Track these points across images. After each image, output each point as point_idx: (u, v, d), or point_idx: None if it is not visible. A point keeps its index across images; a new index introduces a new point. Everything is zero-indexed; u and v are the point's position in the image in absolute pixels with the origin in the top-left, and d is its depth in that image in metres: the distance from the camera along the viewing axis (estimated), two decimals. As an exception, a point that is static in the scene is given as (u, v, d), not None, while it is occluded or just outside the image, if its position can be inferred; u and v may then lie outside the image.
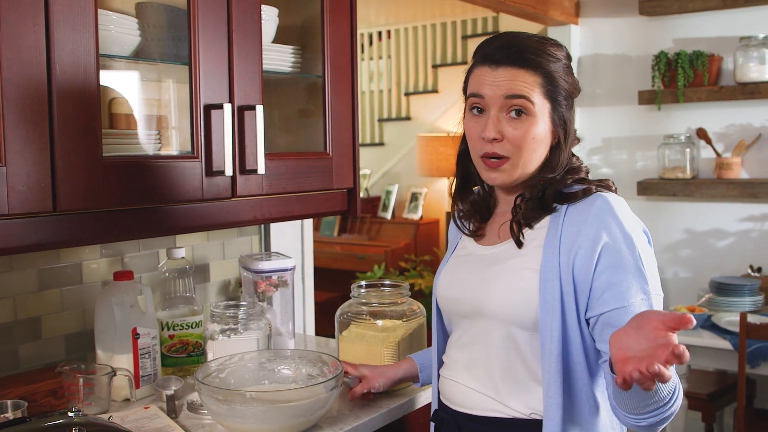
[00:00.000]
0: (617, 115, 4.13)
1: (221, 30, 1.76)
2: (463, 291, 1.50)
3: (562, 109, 1.43)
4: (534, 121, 1.40)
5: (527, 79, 1.39)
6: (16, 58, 1.40)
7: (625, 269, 1.32)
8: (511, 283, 1.42)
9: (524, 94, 1.39)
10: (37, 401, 1.70)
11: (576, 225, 1.37)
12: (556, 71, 1.41)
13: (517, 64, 1.40)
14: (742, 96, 3.67)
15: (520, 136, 1.40)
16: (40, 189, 1.44)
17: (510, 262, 1.44)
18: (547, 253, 1.38)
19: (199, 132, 1.73)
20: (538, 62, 1.40)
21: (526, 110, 1.39)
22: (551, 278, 1.36)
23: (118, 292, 1.81)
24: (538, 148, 1.42)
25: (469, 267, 1.52)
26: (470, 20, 5.83)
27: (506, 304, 1.41)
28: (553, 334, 1.35)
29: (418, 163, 5.56)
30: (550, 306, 1.35)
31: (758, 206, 3.80)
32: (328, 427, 1.66)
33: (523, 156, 1.41)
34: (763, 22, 3.69)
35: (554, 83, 1.41)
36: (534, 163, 1.44)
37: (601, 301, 1.33)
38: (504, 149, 1.41)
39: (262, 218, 1.92)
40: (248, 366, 1.76)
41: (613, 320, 1.31)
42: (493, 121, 1.41)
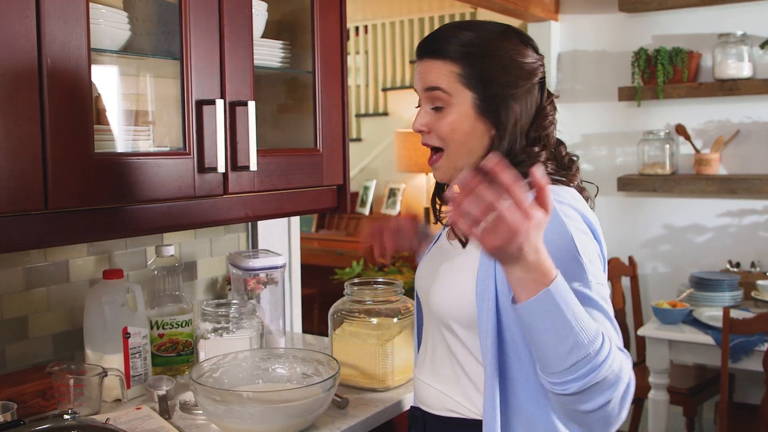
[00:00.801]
0: (597, 111, 4.15)
1: (212, 24, 1.73)
2: (423, 284, 1.49)
3: (491, 99, 1.34)
4: (450, 111, 1.34)
5: (441, 69, 1.34)
6: (5, 50, 1.36)
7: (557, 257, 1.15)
8: (451, 281, 1.38)
9: (436, 85, 1.34)
10: (26, 402, 1.67)
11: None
12: (478, 59, 1.33)
13: (431, 55, 1.36)
14: (721, 92, 3.70)
15: (441, 128, 1.36)
16: (32, 186, 1.41)
17: (457, 259, 1.40)
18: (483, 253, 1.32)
19: (190, 128, 1.70)
20: (451, 50, 1.34)
21: (441, 101, 1.35)
22: (486, 277, 1.29)
23: (108, 291, 1.78)
24: (467, 140, 1.35)
25: (434, 262, 1.48)
26: (448, 15, 5.83)
27: (444, 302, 1.38)
28: (488, 336, 1.28)
29: (396, 158, 5.55)
30: (485, 307, 1.29)
31: (736, 202, 3.85)
32: (324, 427, 1.64)
33: (452, 148, 1.36)
34: (741, 19, 3.73)
35: (477, 71, 1.33)
36: (469, 158, 1.36)
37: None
38: (433, 140, 1.39)
39: (254, 215, 1.89)
40: (242, 365, 1.74)
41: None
42: (421, 114, 1.39)
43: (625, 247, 3.97)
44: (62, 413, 1.33)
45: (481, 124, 1.35)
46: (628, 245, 3.97)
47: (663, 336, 3.21)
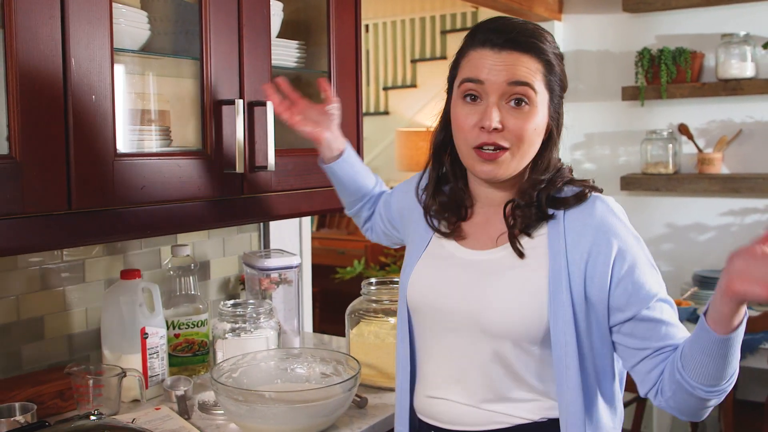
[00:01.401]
0: (600, 110, 4.16)
1: (232, 24, 1.74)
2: (454, 301, 1.36)
3: (557, 101, 1.36)
4: (535, 111, 1.30)
5: (531, 65, 1.29)
6: (31, 50, 1.36)
7: (642, 269, 1.29)
8: (516, 299, 1.31)
9: (528, 81, 1.29)
10: (45, 403, 1.67)
11: (580, 232, 1.30)
12: (554, 60, 1.33)
13: (520, 49, 1.29)
14: (724, 92, 3.71)
15: (521, 127, 1.29)
16: (55, 187, 1.41)
17: (511, 274, 1.33)
18: (554, 264, 1.30)
19: (210, 128, 1.70)
20: (541, 48, 1.31)
21: (528, 99, 1.29)
22: (561, 290, 1.28)
23: (126, 291, 1.77)
24: (536, 140, 1.33)
25: (454, 273, 1.38)
26: (449, 15, 5.84)
27: (512, 323, 1.30)
28: (567, 349, 1.28)
29: (397, 157, 5.56)
30: (561, 320, 1.28)
31: (738, 201, 3.86)
32: (345, 427, 1.65)
33: (522, 148, 1.31)
34: (744, 20, 3.75)
35: (553, 72, 1.33)
36: (529, 157, 1.34)
37: (632, 303, 1.28)
38: (505, 139, 1.30)
39: (271, 215, 1.89)
40: (261, 365, 1.74)
41: (646, 316, 1.28)
42: (495, 109, 1.29)
43: (628, 246, 3.98)
44: (88, 414, 1.34)
45: (545, 126, 1.35)
46: (631, 244, 3.99)
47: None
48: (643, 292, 1.28)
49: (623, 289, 1.28)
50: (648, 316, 1.28)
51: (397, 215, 1.66)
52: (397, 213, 1.65)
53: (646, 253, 1.32)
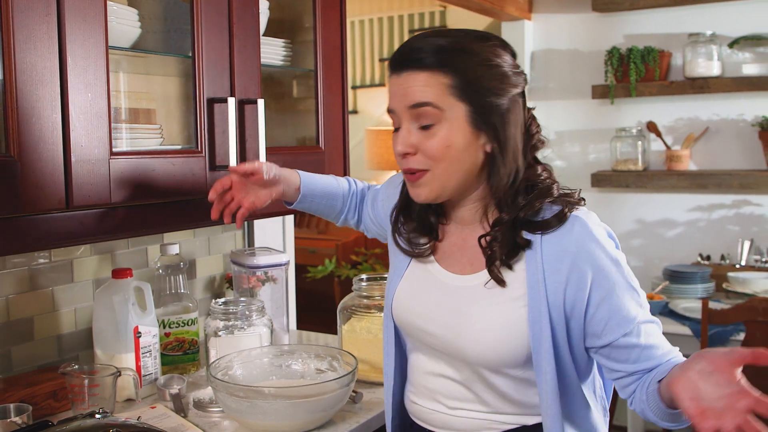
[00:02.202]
0: (570, 108, 4.23)
1: (222, 23, 1.74)
2: (436, 327, 1.35)
3: (490, 113, 1.23)
4: (445, 128, 1.23)
5: (430, 81, 1.21)
6: (28, 48, 1.35)
7: (620, 294, 1.25)
8: (497, 332, 1.28)
9: (425, 101, 1.22)
10: (38, 404, 1.65)
11: (558, 259, 1.25)
12: (470, 68, 1.22)
13: (416, 66, 1.22)
14: (692, 91, 3.80)
15: (432, 147, 1.23)
16: (54, 186, 1.40)
17: (491, 306, 1.29)
18: (533, 295, 1.26)
19: (202, 126, 1.70)
20: (443, 60, 1.21)
21: (433, 117, 1.22)
22: (541, 320, 1.25)
23: (118, 290, 1.77)
24: (461, 156, 1.25)
25: (436, 296, 1.36)
26: (417, 14, 5.87)
27: (493, 355, 1.29)
28: (547, 377, 1.27)
29: (367, 156, 5.57)
30: (540, 347, 1.26)
31: (706, 197, 3.95)
32: (342, 422, 1.66)
33: (442, 167, 1.25)
34: (710, 19, 3.83)
35: (468, 81, 1.22)
36: (458, 174, 1.26)
37: (607, 330, 1.25)
38: (418, 162, 1.26)
39: (261, 213, 1.90)
40: (256, 362, 1.75)
41: (624, 343, 1.25)
42: (404, 135, 1.25)
43: (599, 241, 4.05)
44: (92, 412, 1.33)
45: (475, 138, 1.24)
46: (601, 240, 4.06)
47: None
48: (618, 319, 1.25)
49: (599, 318, 1.25)
50: (624, 343, 1.25)
51: (384, 218, 1.59)
52: (384, 216, 1.58)
53: (626, 275, 1.27)
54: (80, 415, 1.35)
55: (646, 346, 1.25)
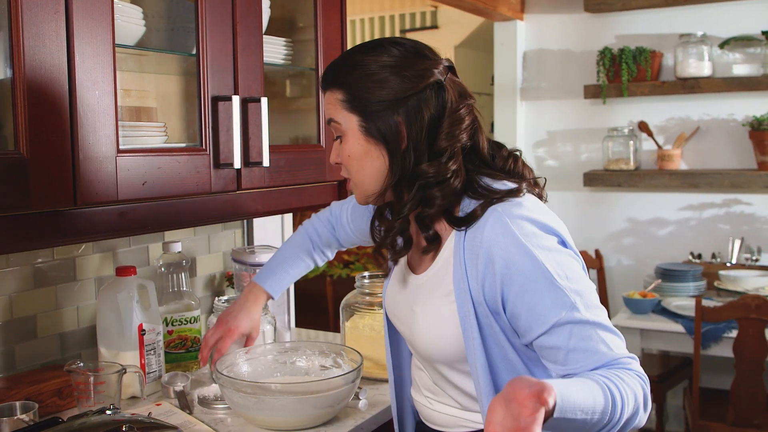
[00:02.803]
0: (562, 108, 4.26)
1: (226, 21, 1.75)
2: (401, 323, 1.42)
3: (374, 118, 1.27)
4: (345, 140, 1.32)
5: (331, 99, 1.32)
6: (37, 46, 1.35)
7: (535, 290, 1.19)
8: (435, 328, 1.32)
9: (331, 117, 1.33)
10: (43, 402, 1.66)
11: (475, 254, 1.24)
12: (355, 80, 1.28)
13: (324, 87, 1.35)
14: (683, 91, 3.84)
15: (341, 158, 1.34)
16: (62, 183, 1.40)
17: (429, 303, 1.34)
18: (458, 289, 1.27)
19: (206, 124, 1.71)
20: (334, 78, 1.32)
21: (339, 131, 1.33)
22: (468, 315, 1.26)
23: (122, 288, 1.77)
24: (363, 164, 1.31)
25: (403, 295, 1.42)
26: (408, 14, 5.89)
27: (437, 350, 1.33)
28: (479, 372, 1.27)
29: (359, 156, 5.58)
30: (471, 344, 1.26)
31: (697, 196, 3.99)
32: (347, 417, 1.67)
33: (353, 174, 1.34)
34: (701, 20, 3.88)
35: (355, 94, 1.28)
36: (371, 179, 1.32)
37: (526, 328, 1.22)
38: (343, 171, 1.37)
39: (264, 211, 1.91)
40: (260, 359, 1.75)
41: (547, 342, 1.20)
42: (333, 148, 1.37)
43: (591, 240, 4.09)
44: (103, 409, 1.33)
45: (372, 146, 1.29)
46: (594, 239, 4.09)
47: (635, 325, 3.32)
48: (535, 316, 1.20)
49: (517, 314, 1.22)
50: (546, 342, 1.20)
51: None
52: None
53: (545, 269, 1.19)
54: (90, 412, 1.35)
55: (573, 349, 1.17)
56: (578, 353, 1.17)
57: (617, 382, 1.12)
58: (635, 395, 1.14)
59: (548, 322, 1.18)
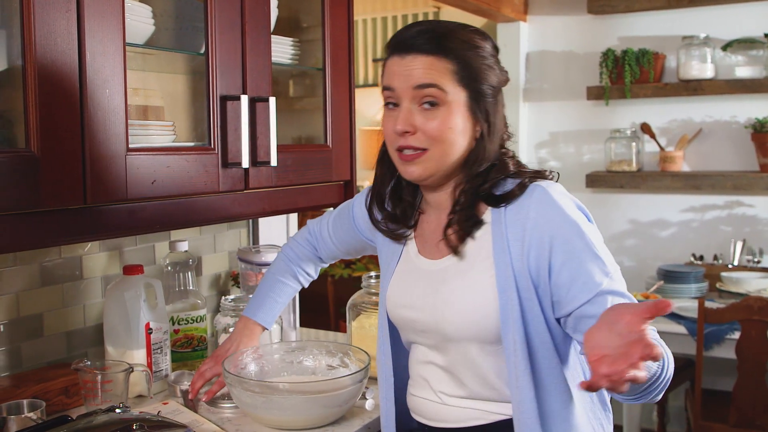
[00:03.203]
0: (565, 109, 4.26)
1: (235, 20, 1.75)
2: (420, 312, 1.41)
3: (483, 99, 1.33)
4: (448, 110, 1.30)
5: (437, 66, 1.30)
6: (48, 44, 1.35)
7: (582, 259, 1.26)
8: (467, 303, 1.33)
9: (433, 82, 1.29)
10: (50, 400, 1.66)
11: (520, 226, 1.30)
12: (473, 58, 1.31)
13: (425, 51, 1.30)
14: (685, 92, 3.84)
15: (435, 127, 1.30)
16: (71, 181, 1.41)
17: (461, 280, 1.35)
18: (499, 264, 1.31)
19: (215, 123, 1.71)
20: (450, 48, 1.30)
21: (438, 99, 1.30)
22: (508, 289, 1.29)
23: (130, 287, 1.77)
24: (457, 139, 1.32)
25: (420, 284, 1.42)
26: (411, 15, 5.89)
27: (467, 326, 1.33)
28: (517, 347, 1.29)
29: (361, 156, 5.57)
30: (509, 318, 1.29)
31: (699, 197, 4.00)
32: (354, 417, 1.67)
33: (441, 147, 1.32)
34: (704, 22, 3.88)
35: (470, 70, 1.31)
36: (453, 156, 1.34)
37: (570, 297, 1.26)
38: (418, 141, 1.32)
39: (271, 210, 1.91)
40: (267, 358, 1.75)
41: (587, 312, 1.25)
42: (405, 114, 1.31)
43: (593, 242, 4.09)
44: (112, 407, 1.33)
45: (470, 123, 1.33)
46: (595, 240, 4.10)
47: (637, 327, 3.32)
48: (580, 284, 1.26)
49: (561, 283, 1.27)
50: (588, 312, 1.25)
51: (365, 227, 1.63)
52: (365, 225, 1.62)
53: (590, 242, 1.27)
54: (99, 410, 1.35)
55: None
56: None
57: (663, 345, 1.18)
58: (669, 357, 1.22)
59: (593, 290, 1.24)
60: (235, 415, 1.67)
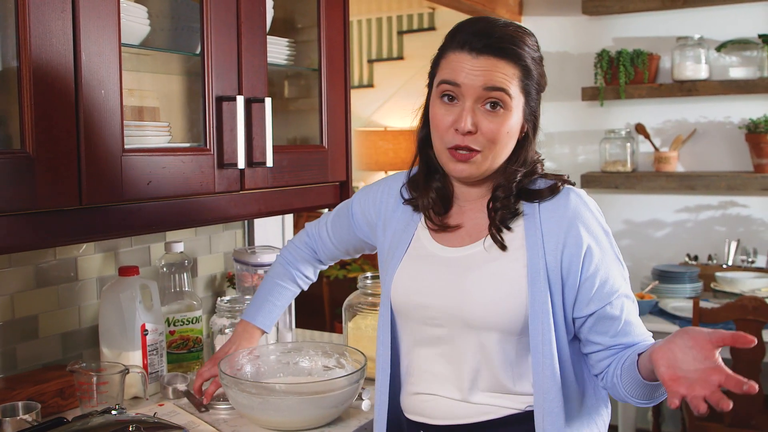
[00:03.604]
0: (560, 110, 4.26)
1: (231, 21, 1.74)
2: (436, 298, 1.40)
3: (533, 103, 1.38)
4: (509, 115, 1.33)
5: (507, 71, 1.32)
6: (44, 45, 1.35)
7: (610, 264, 1.35)
8: (496, 290, 1.35)
9: (503, 87, 1.31)
10: (45, 402, 1.65)
11: (556, 223, 1.35)
12: (531, 64, 1.35)
13: (498, 54, 1.31)
14: (680, 93, 3.85)
15: (494, 130, 1.32)
16: (67, 182, 1.40)
17: (490, 267, 1.37)
18: (532, 255, 1.34)
19: (211, 124, 1.70)
20: (519, 54, 1.33)
21: (503, 103, 1.32)
22: (539, 281, 1.33)
23: (125, 288, 1.77)
24: (510, 142, 1.37)
25: (436, 270, 1.42)
26: (406, 16, 5.88)
27: (494, 313, 1.35)
28: (544, 338, 1.32)
29: (356, 157, 5.58)
30: (539, 310, 1.33)
31: (693, 198, 4.01)
32: (350, 418, 1.67)
33: (495, 149, 1.35)
34: (698, 23, 3.89)
35: (530, 76, 1.35)
36: (503, 157, 1.38)
37: (596, 298, 1.34)
38: (477, 142, 1.33)
39: (266, 211, 1.91)
40: (263, 359, 1.75)
41: (607, 313, 1.34)
42: (470, 113, 1.32)
43: (588, 242, 4.10)
44: (108, 409, 1.33)
45: (522, 127, 1.39)
46: (590, 241, 4.10)
47: (632, 327, 3.33)
48: (606, 288, 1.34)
49: (590, 284, 1.34)
50: (608, 313, 1.34)
51: (364, 224, 1.64)
52: (364, 222, 1.63)
53: (614, 248, 1.38)
54: (95, 412, 1.35)
55: (626, 321, 1.34)
56: (631, 326, 1.35)
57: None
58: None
59: (615, 293, 1.33)
60: (231, 416, 1.67)
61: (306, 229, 1.80)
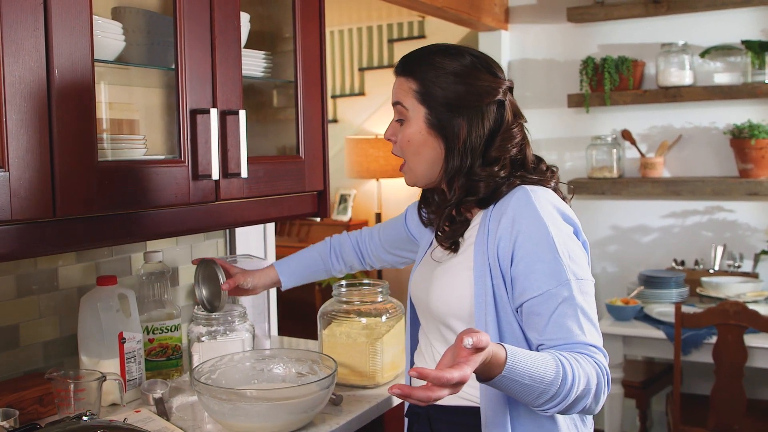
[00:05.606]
0: (546, 117, 4.30)
1: (205, 36, 1.78)
2: (419, 291, 1.59)
3: (442, 115, 1.46)
4: (408, 125, 1.50)
5: (404, 85, 1.51)
6: (17, 62, 1.39)
7: (540, 256, 1.35)
8: (447, 282, 1.49)
9: (399, 100, 1.51)
10: (25, 409, 1.69)
11: (497, 218, 1.43)
12: (433, 78, 1.46)
13: (401, 73, 1.53)
14: (665, 99, 3.89)
15: (400, 139, 1.52)
16: (41, 195, 1.44)
17: (447, 265, 1.51)
18: (477, 251, 1.44)
19: (185, 137, 1.74)
20: (413, 69, 1.50)
21: (401, 115, 1.51)
22: (483, 274, 1.41)
23: (103, 297, 1.80)
24: (421, 150, 1.50)
25: (425, 269, 1.60)
26: (396, 24, 5.94)
27: (443, 302, 1.48)
28: (488, 328, 1.39)
29: (347, 165, 5.62)
30: (483, 301, 1.41)
31: (680, 203, 4.04)
32: (322, 423, 1.70)
33: (407, 157, 1.53)
34: (682, 30, 3.93)
35: (428, 89, 1.47)
36: (422, 166, 1.51)
37: (521, 290, 1.37)
38: (397, 150, 1.55)
39: (242, 221, 1.94)
40: (238, 366, 1.79)
41: (534, 308, 1.35)
42: (390, 125, 1.55)
43: (576, 248, 4.13)
44: (79, 415, 1.37)
45: (432, 138, 1.48)
46: (578, 246, 4.13)
47: (617, 332, 3.36)
48: (529, 281, 1.36)
49: (516, 274, 1.38)
50: (532, 309, 1.36)
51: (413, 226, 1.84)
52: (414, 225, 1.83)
53: (553, 241, 1.35)
54: (68, 418, 1.38)
55: (553, 322, 1.33)
56: (555, 327, 1.33)
57: (573, 362, 1.27)
58: (588, 379, 1.28)
59: (540, 289, 1.34)
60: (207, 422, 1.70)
61: (360, 230, 2.01)
